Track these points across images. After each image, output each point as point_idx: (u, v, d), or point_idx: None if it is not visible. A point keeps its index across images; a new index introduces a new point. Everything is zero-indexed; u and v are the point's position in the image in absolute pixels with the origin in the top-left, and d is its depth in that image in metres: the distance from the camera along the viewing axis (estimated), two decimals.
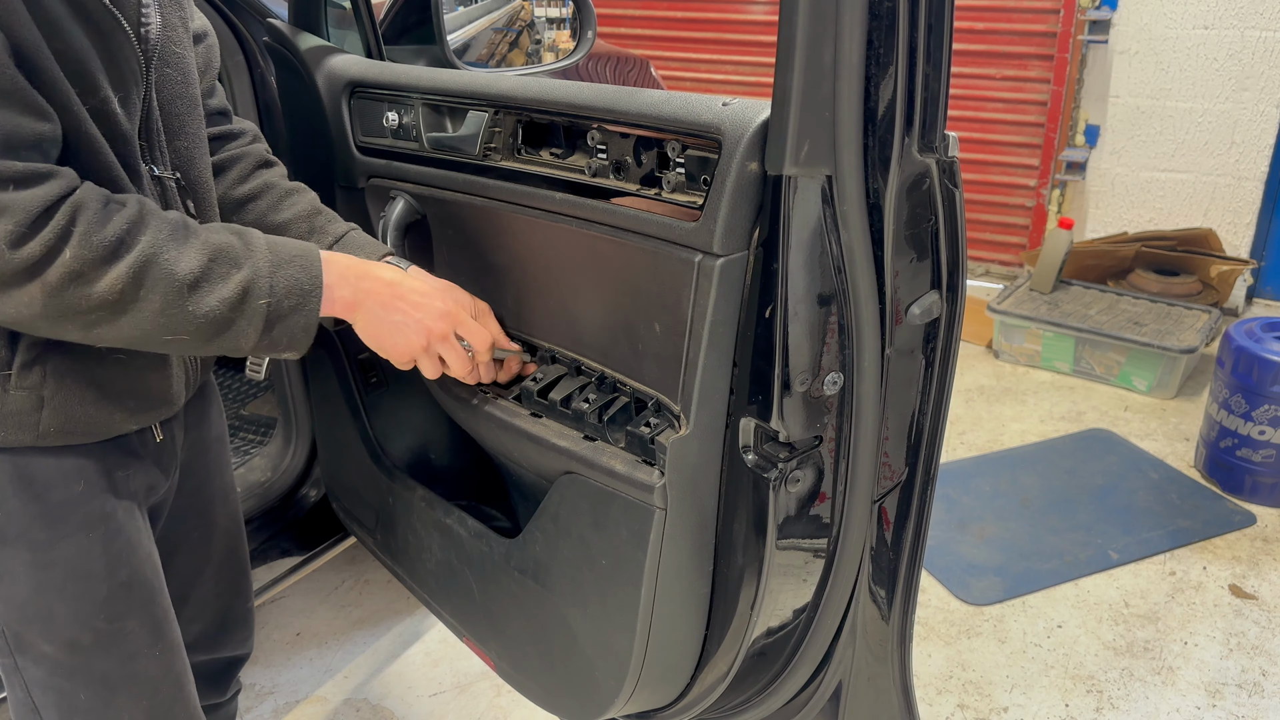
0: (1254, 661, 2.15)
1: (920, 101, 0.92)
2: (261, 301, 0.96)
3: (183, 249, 0.92)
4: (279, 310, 0.98)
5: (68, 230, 0.85)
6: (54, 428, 0.99)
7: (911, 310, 1.00)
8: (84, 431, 1.02)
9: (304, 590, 2.38)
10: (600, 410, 1.17)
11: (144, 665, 1.11)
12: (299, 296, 0.99)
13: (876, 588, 1.15)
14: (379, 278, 1.09)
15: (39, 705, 1.08)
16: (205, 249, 0.94)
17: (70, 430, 1.01)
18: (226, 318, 0.94)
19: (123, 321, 0.90)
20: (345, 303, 1.06)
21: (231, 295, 0.94)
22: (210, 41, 1.21)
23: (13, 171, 0.83)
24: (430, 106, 1.33)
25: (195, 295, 0.92)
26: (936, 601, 2.35)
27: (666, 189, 1.03)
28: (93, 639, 1.07)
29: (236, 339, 0.96)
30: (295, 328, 1.00)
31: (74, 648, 1.06)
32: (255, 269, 0.96)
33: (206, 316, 0.93)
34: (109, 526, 1.07)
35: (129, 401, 1.04)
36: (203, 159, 1.13)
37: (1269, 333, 2.72)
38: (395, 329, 1.10)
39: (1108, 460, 2.99)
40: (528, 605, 1.32)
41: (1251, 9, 3.56)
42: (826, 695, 1.20)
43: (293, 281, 0.99)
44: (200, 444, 1.26)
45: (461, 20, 2.70)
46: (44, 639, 1.05)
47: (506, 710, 2.01)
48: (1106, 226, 4.11)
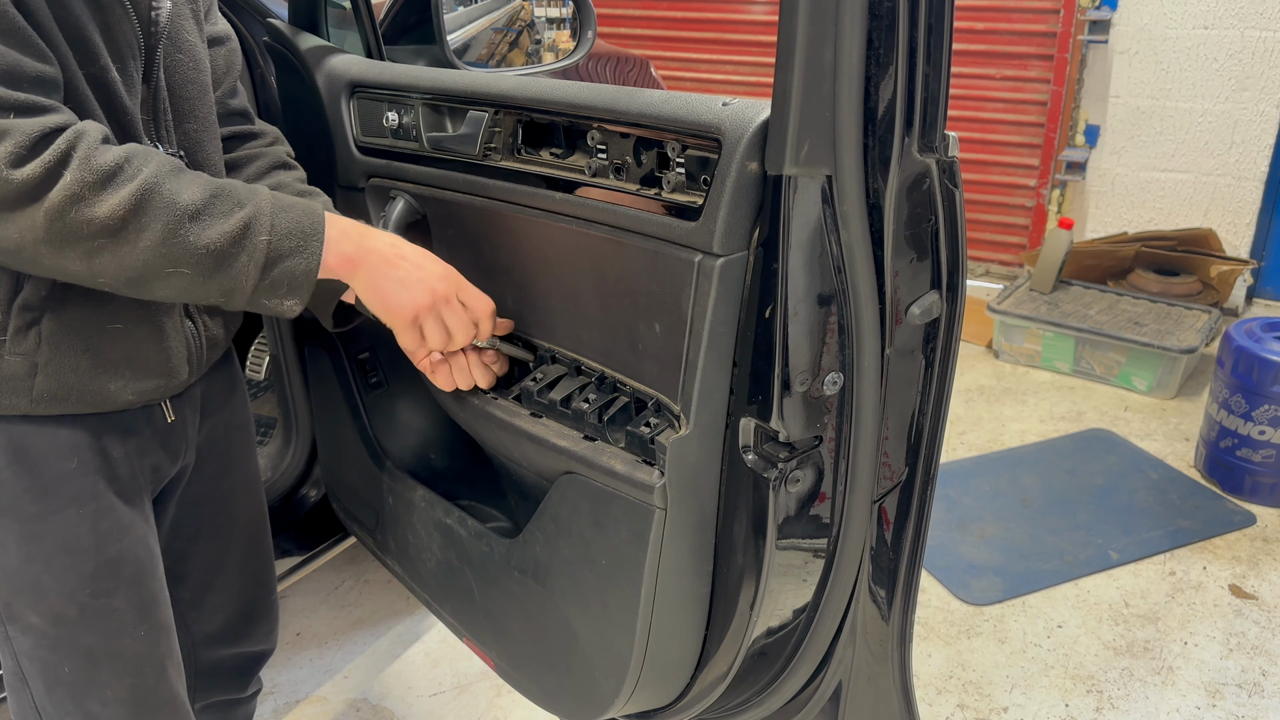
0: (1254, 661, 2.15)
1: (920, 101, 0.92)
2: (263, 238, 0.96)
3: (184, 182, 0.93)
4: (280, 250, 0.97)
5: (67, 154, 0.86)
6: (47, 393, 1.00)
7: (911, 310, 1.00)
8: (78, 399, 1.02)
9: (304, 590, 2.38)
10: (600, 410, 1.17)
11: (128, 643, 1.12)
12: (300, 238, 0.99)
13: (876, 588, 1.15)
14: (381, 238, 1.09)
15: (27, 675, 1.10)
16: (207, 185, 0.95)
17: (63, 397, 1.01)
18: (228, 251, 0.94)
19: (124, 251, 0.90)
20: (346, 258, 1.05)
21: (233, 229, 0.94)
22: (232, 45, 1.24)
23: (14, 100, 0.85)
24: (430, 106, 1.33)
25: (196, 225, 0.92)
26: (936, 601, 2.35)
27: (666, 189, 1.03)
28: (78, 612, 1.08)
29: (237, 276, 0.96)
30: (296, 270, 0.99)
31: (59, 620, 1.07)
32: (258, 207, 0.97)
33: (208, 248, 0.93)
34: (99, 504, 1.08)
35: (124, 370, 1.05)
36: (212, 144, 1.14)
37: (1269, 333, 2.72)
38: (400, 286, 1.08)
39: (1108, 460, 2.99)
40: (528, 605, 1.32)
41: (1251, 9, 3.56)
42: (826, 695, 1.20)
43: (295, 224, 0.99)
44: (219, 430, 1.27)
45: (461, 20, 2.70)
46: (31, 610, 1.07)
47: (506, 710, 2.01)
48: (1106, 226, 4.11)
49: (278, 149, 1.32)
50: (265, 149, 1.30)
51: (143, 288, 0.95)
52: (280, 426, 1.94)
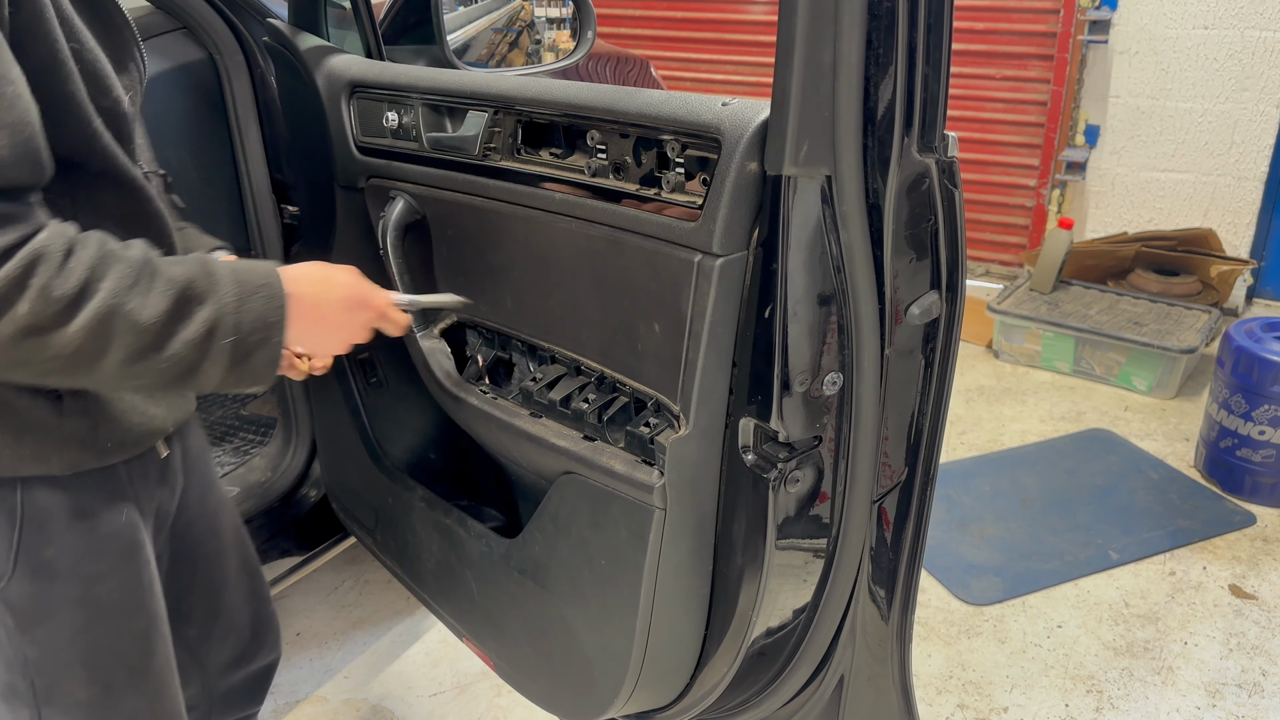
0: (1254, 661, 2.15)
1: (920, 101, 0.92)
2: (227, 340, 0.90)
3: (147, 294, 0.85)
4: (244, 347, 0.91)
5: (23, 281, 0.78)
6: (111, 442, 0.98)
7: (911, 310, 1.00)
8: (135, 440, 1.01)
9: (304, 590, 2.38)
10: (600, 410, 1.17)
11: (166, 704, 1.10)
12: (265, 330, 0.93)
13: (876, 588, 1.15)
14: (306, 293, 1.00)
15: None
16: (170, 289, 0.87)
17: (125, 441, 0.99)
18: (191, 361, 0.88)
19: (81, 373, 0.84)
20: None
21: (196, 336, 0.88)
22: None
23: None
24: (430, 107, 1.33)
25: (159, 340, 0.86)
26: (936, 601, 2.35)
27: (666, 189, 1.03)
28: (127, 677, 1.05)
29: (199, 380, 0.91)
30: (260, 365, 0.93)
31: (109, 688, 1.04)
32: (220, 305, 0.89)
33: (170, 360, 0.87)
34: (143, 554, 1.05)
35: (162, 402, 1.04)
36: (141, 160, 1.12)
37: (1269, 333, 2.72)
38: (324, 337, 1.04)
39: (1108, 460, 2.98)
40: (527, 605, 1.32)
41: (1251, 9, 3.56)
42: (826, 695, 1.20)
43: (258, 315, 0.92)
44: (191, 455, 1.25)
45: (461, 20, 2.70)
46: (84, 683, 1.02)
47: (506, 710, 2.01)
48: (1106, 226, 4.11)
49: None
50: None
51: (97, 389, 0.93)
52: (280, 426, 1.94)
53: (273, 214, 1.79)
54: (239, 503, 1.87)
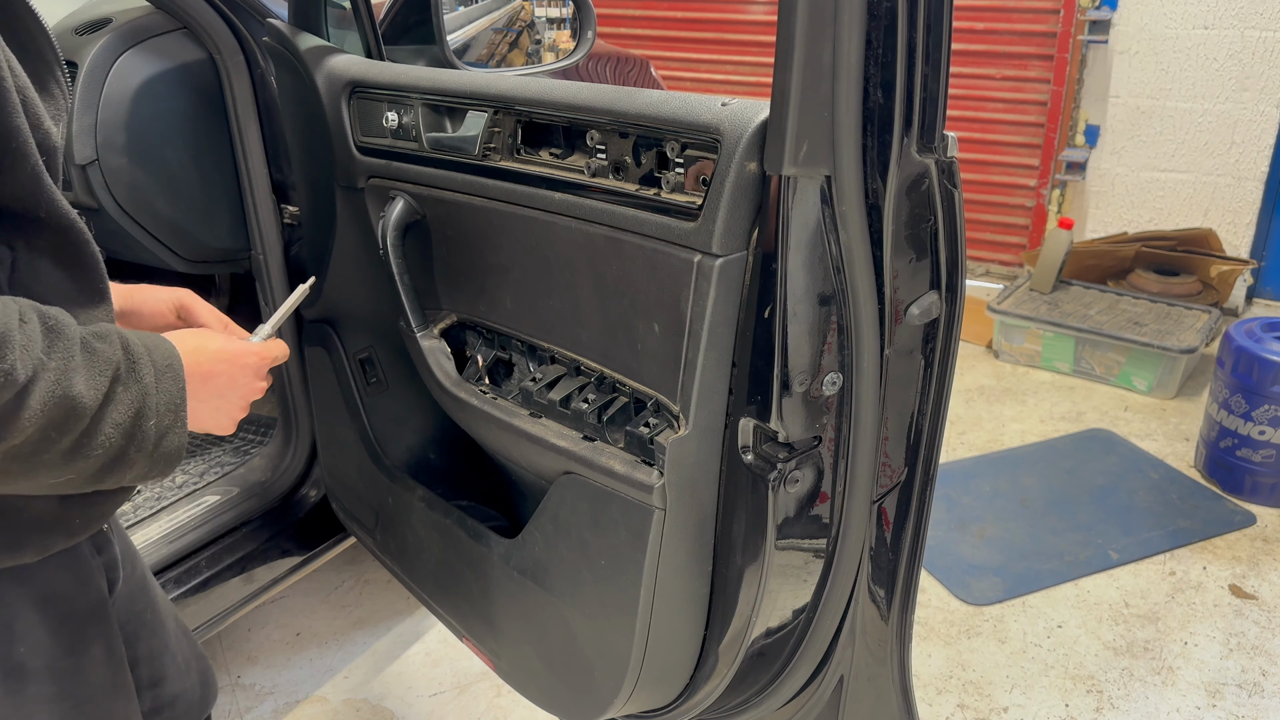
0: (1254, 661, 2.15)
1: (919, 102, 0.92)
2: (151, 423, 0.81)
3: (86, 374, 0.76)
4: (161, 429, 0.83)
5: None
6: (80, 518, 0.90)
7: (910, 310, 1.00)
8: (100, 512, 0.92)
9: (304, 590, 2.38)
10: (599, 410, 1.17)
11: None
12: (175, 411, 0.84)
13: (876, 588, 1.15)
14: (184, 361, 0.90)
15: None
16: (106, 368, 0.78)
17: (91, 515, 0.91)
18: (120, 448, 0.79)
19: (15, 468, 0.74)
20: None
21: (125, 419, 0.79)
22: None
23: None
24: (430, 107, 1.33)
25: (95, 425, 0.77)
26: (936, 601, 2.35)
27: (665, 189, 1.03)
28: None
29: (122, 471, 0.82)
30: (171, 447, 0.85)
31: None
32: (143, 384, 0.81)
33: (103, 448, 0.78)
34: (112, 632, 0.99)
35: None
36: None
37: (1269, 333, 2.72)
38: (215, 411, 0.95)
39: (1108, 460, 2.98)
40: (527, 605, 1.32)
41: (1251, 9, 3.56)
42: (826, 695, 1.20)
43: (169, 396, 0.84)
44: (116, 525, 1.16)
45: (461, 20, 2.70)
46: None
47: (506, 710, 2.01)
48: (1106, 226, 4.11)
49: None
50: None
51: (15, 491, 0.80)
52: (280, 426, 1.94)
53: (273, 214, 1.79)
54: (239, 503, 1.87)
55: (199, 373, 0.92)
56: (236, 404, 0.97)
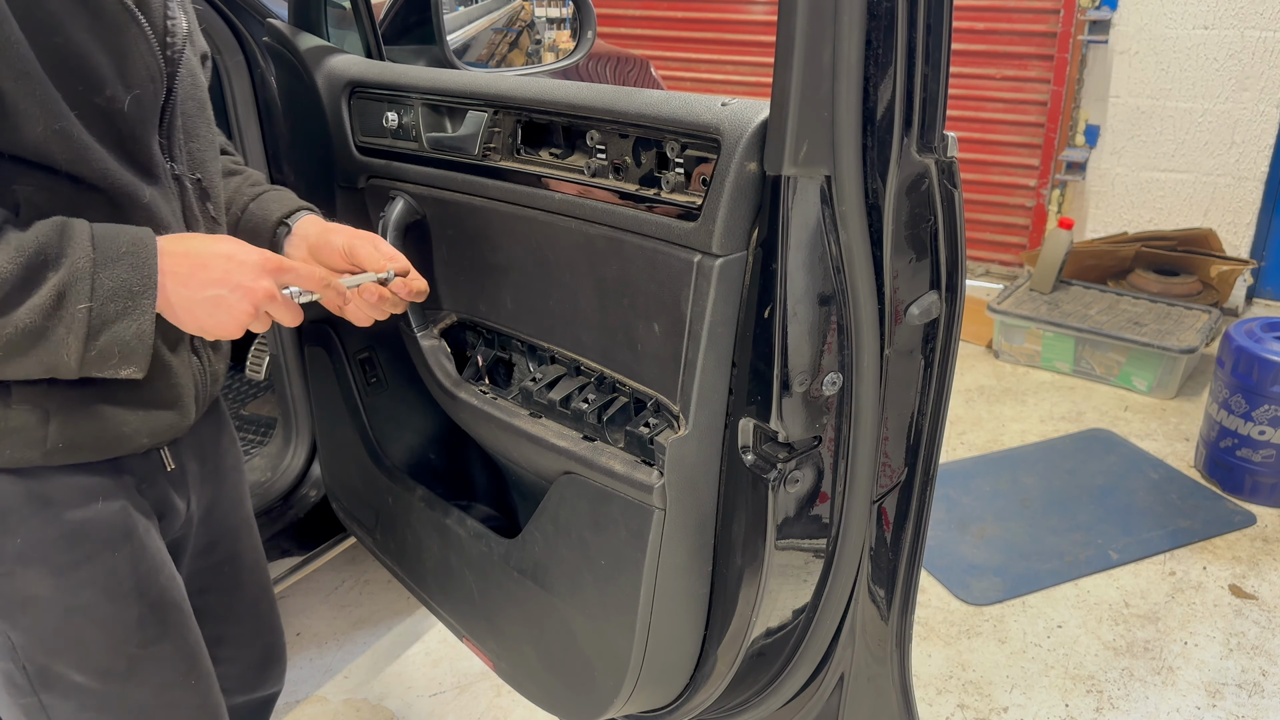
0: (1254, 661, 2.15)
1: (919, 102, 0.92)
2: (82, 306, 0.84)
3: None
4: (103, 316, 0.86)
5: None
6: (62, 443, 0.94)
7: (910, 310, 1.00)
8: (94, 446, 0.96)
9: (304, 590, 2.38)
10: (599, 410, 1.17)
11: (180, 695, 1.07)
12: (127, 298, 0.87)
13: (876, 588, 1.15)
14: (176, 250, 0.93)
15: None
16: (18, 255, 0.82)
17: (79, 444, 0.95)
18: (40, 326, 0.83)
19: None
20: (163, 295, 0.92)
21: (45, 301, 0.83)
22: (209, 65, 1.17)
23: None
24: (430, 107, 1.33)
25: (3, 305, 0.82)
26: (936, 601, 2.35)
27: (665, 189, 1.03)
28: (127, 665, 1.02)
29: (57, 350, 0.85)
30: (126, 335, 0.88)
31: (107, 676, 1.01)
32: (74, 268, 0.84)
33: (17, 327, 0.82)
34: (133, 543, 1.01)
35: (137, 410, 0.98)
36: (214, 161, 1.08)
37: (1269, 333, 2.72)
38: (213, 306, 0.94)
39: (1108, 460, 2.98)
40: (527, 605, 1.32)
41: (1251, 9, 3.56)
42: (826, 695, 1.20)
43: (119, 282, 0.87)
44: (217, 475, 1.21)
45: (461, 20, 2.70)
46: (75, 668, 0.99)
47: (506, 710, 2.01)
48: (1106, 226, 4.11)
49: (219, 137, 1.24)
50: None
51: None
52: (280, 426, 1.94)
53: None
54: None
55: (190, 262, 0.92)
56: (237, 303, 0.94)
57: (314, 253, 1.15)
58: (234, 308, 0.94)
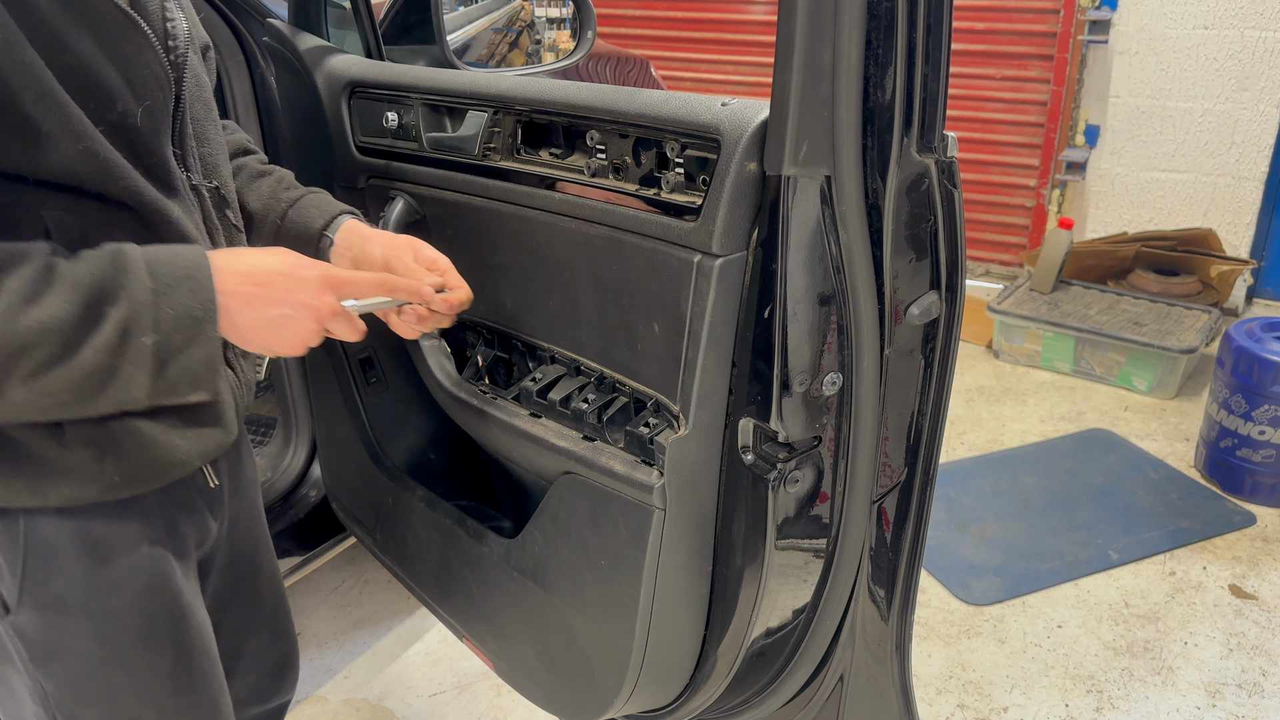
0: (1254, 661, 2.15)
1: (919, 102, 0.92)
2: (146, 339, 0.81)
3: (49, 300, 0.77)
4: (169, 346, 0.83)
5: None
6: (119, 477, 0.91)
7: (910, 310, 1.00)
8: (150, 476, 0.93)
9: (304, 590, 2.38)
10: (599, 410, 1.17)
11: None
12: (190, 326, 0.84)
13: (876, 588, 1.15)
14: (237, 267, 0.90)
15: None
16: (75, 292, 0.79)
17: (137, 476, 0.92)
18: (108, 365, 0.80)
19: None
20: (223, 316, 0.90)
21: (109, 339, 0.80)
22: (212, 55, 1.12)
23: None
24: (430, 107, 1.33)
25: (68, 348, 0.78)
26: (936, 601, 2.35)
27: (665, 189, 1.03)
28: (157, 714, 1.00)
29: (125, 387, 0.83)
30: (193, 363, 0.85)
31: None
32: (134, 301, 0.81)
33: (84, 369, 0.79)
34: (171, 588, 0.99)
35: (186, 433, 0.95)
36: (227, 166, 1.06)
37: (1269, 333, 2.72)
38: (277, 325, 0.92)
39: (1108, 460, 2.98)
40: (527, 605, 1.32)
41: (1251, 9, 3.56)
42: (826, 695, 1.20)
43: (180, 310, 0.83)
44: (240, 488, 1.19)
45: (461, 20, 2.70)
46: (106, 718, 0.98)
47: (506, 710, 2.01)
48: (1106, 226, 4.11)
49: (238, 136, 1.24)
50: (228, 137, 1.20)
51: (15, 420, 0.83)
52: (280, 426, 1.94)
53: None
54: None
55: (252, 282, 0.90)
56: (296, 320, 0.92)
57: (357, 264, 1.12)
58: (299, 326, 0.92)
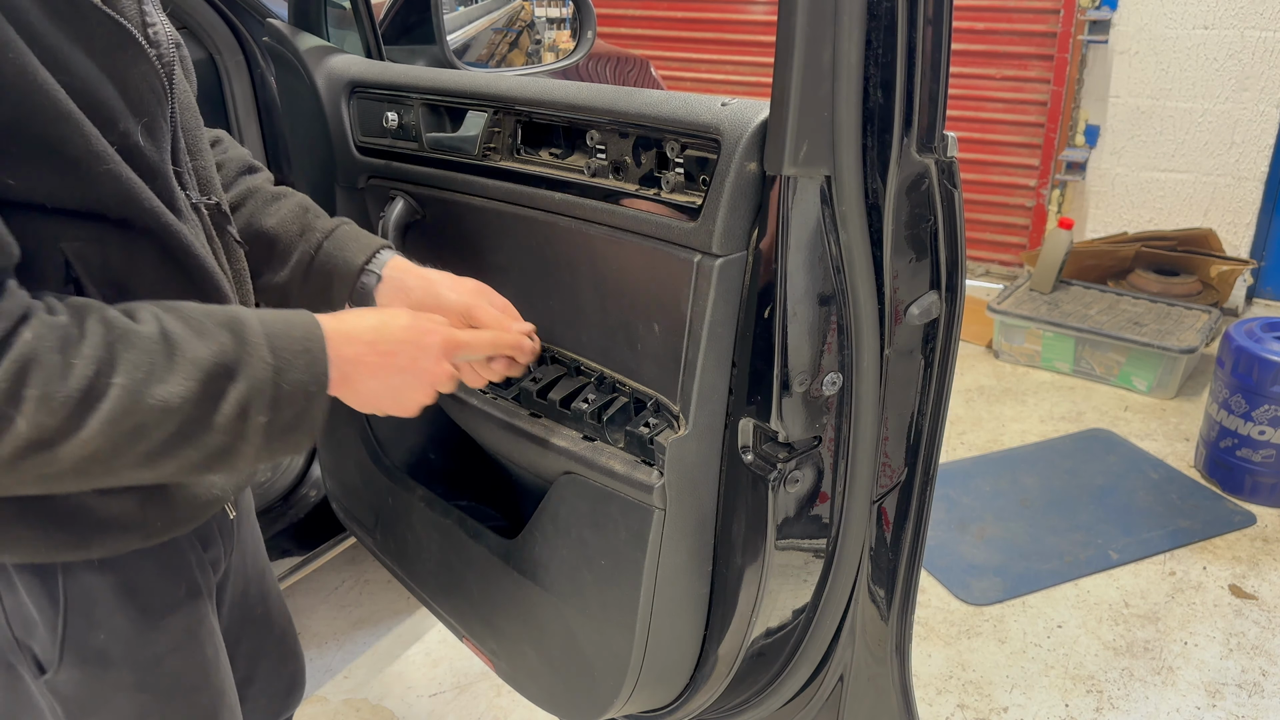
0: (1254, 661, 2.15)
1: (919, 102, 0.92)
2: (262, 419, 0.79)
3: (168, 380, 0.74)
4: (280, 422, 0.81)
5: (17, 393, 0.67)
6: (160, 522, 0.89)
7: (910, 310, 1.00)
8: (189, 516, 0.92)
9: (304, 590, 2.38)
10: (599, 410, 1.17)
11: None
12: (303, 401, 0.82)
13: (876, 588, 1.15)
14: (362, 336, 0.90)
15: None
16: (195, 370, 0.75)
17: (177, 519, 0.90)
18: (224, 445, 0.78)
19: (95, 477, 0.74)
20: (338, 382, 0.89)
21: (227, 419, 0.77)
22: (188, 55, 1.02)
23: None
24: (430, 107, 1.33)
25: (187, 428, 0.76)
26: (936, 601, 2.35)
27: (665, 189, 1.03)
28: None
29: (232, 461, 0.80)
30: (299, 435, 0.83)
31: None
32: (254, 379, 0.78)
33: (200, 448, 0.77)
34: (204, 629, 0.98)
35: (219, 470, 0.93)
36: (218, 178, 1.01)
37: (1269, 333, 2.72)
38: (395, 393, 0.93)
39: (1108, 460, 2.98)
40: (527, 605, 1.32)
41: (1251, 9, 3.56)
42: (826, 695, 1.20)
43: (295, 386, 0.81)
44: (244, 513, 1.17)
45: (461, 20, 2.70)
46: None
47: (506, 710, 2.01)
48: (1106, 226, 4.11)
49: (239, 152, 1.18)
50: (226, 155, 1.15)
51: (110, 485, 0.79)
52: None
53: None
54: None
55: (377, 351, 0.89)
56: (417, 386, 0.93)
57: (421, 309, 1.06)
58: (416, 393, 0.93)
